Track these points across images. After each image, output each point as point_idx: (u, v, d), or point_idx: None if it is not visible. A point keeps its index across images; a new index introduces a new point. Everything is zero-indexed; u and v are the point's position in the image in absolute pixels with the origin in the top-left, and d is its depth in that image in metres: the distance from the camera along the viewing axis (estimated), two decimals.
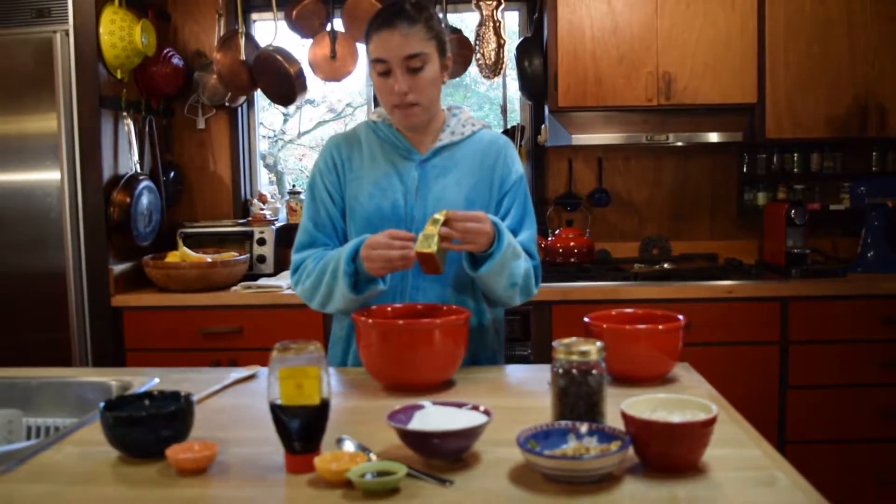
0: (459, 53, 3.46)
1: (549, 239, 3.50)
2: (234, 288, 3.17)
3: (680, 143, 3.39)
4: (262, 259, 3.42)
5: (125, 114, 3.20)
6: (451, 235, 1.64)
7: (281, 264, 3.48)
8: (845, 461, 3.02)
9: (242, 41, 3.49)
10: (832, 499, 1.08)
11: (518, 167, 1.92)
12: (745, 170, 3.60)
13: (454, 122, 1.91)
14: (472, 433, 1.21)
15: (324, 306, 1.82)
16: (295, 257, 1.88)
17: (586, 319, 1.66)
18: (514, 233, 1.85)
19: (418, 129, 1.87)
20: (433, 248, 1.61)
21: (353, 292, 1.72)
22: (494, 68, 3.51)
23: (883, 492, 3.03)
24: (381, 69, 1.77)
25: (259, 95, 3.85)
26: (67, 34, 2.97)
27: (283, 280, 3.21)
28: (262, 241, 3.42)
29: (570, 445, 1.19)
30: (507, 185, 1.88)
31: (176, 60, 3.48)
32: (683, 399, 1.25)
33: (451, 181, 1.85)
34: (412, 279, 1.82)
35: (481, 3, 3.48)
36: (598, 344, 1.28)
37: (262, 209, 3.62)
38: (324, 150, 1.93)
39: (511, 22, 3.84)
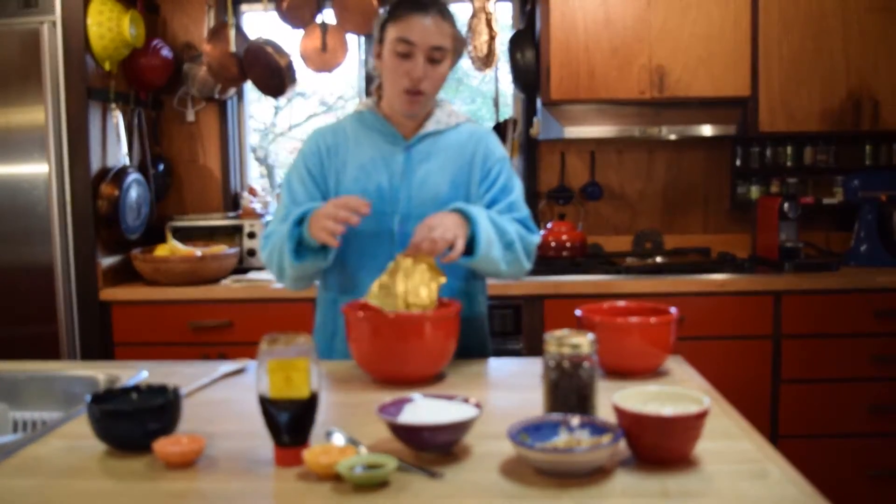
0: None
1: (541, 232, 3.49)
2: (223, 281, 3.16)
3: (673, 137, 3.38)
4: (252, 253, 3.40)
5: (113, 106, 3.18)
6: (428, 245, 1.62)
7: None
8: (837, 455, 3.02)
9: (232, 33, 3.46)
10: (823, 492, 1.07)
11: (500, 151, 1.95)
12: (738, 163, 3.58)
13: (440, 112, 1.94)
14: (462, 426, 1.20)
15: (280, 275, 1.82)
16: (267, 229, 1.88)
17: (578, 312, 1.65)
18: (506, 190, 1.87)
19: (412, 118, 1.89)
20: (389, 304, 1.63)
21: (293, 257, 1.72)
22: (486, 61, 3.49)
23: (874, 486, 3.04)
24: (404, 50, 1.78)
25: (249, 88, 3.82)
26: (54, 25, 2.94)
27: None
28: (252, 235, 3.40)
29: (562, 438, 1.18)
30: (490, 161, 1.91)
31: (165, 52, 3.45)
32: (676, 392, 1.25)
33: (435, 166, 1.88)
34: None
35: None
36: (590, 336, 1.27)
37: (252, 202, 3.60)
38: (308, 139, 1.96)
39: (503, 14, 3.82)
